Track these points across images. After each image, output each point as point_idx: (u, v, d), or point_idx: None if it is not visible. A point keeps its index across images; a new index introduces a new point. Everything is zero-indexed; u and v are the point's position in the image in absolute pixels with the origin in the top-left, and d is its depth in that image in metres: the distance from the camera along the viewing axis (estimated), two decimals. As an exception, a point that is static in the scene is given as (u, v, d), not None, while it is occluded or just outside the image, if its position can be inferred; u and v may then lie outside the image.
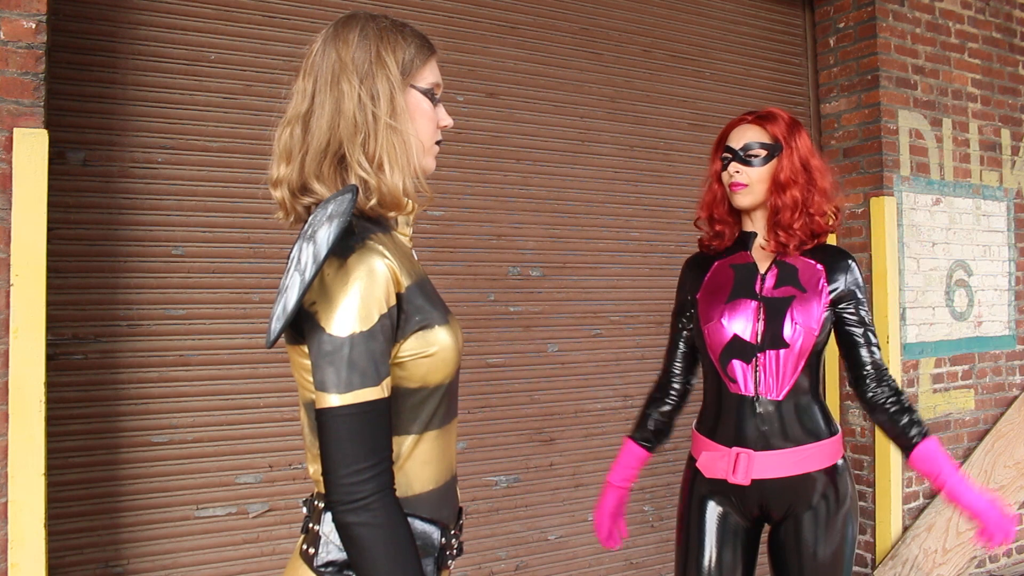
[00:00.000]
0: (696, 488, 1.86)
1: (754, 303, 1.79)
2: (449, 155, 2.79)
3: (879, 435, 3.38)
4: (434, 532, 1.10)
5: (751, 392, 1.76)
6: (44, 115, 1.95)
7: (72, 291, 2.21)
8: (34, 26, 1.92)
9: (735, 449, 1.76)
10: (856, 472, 3.49)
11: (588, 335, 3.07)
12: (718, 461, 1.78)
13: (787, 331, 1.75)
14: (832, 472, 1.79)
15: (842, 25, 3.58)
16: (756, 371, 1.76)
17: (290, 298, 0.98)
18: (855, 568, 3.49)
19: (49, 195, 1.93)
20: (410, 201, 1.11)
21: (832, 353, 3.56)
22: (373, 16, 1.14)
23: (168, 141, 2.35)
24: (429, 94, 1.15)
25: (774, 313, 1.77)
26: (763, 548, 1.89)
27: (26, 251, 1.88)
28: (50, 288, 1.95)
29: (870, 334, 1.82)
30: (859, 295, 1.82)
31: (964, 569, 3.54)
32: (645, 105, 3.23)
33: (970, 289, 3.72)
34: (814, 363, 1.80)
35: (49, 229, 1.93)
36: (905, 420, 1.78)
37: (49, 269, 1.94)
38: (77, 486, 2.19)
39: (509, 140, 2.92)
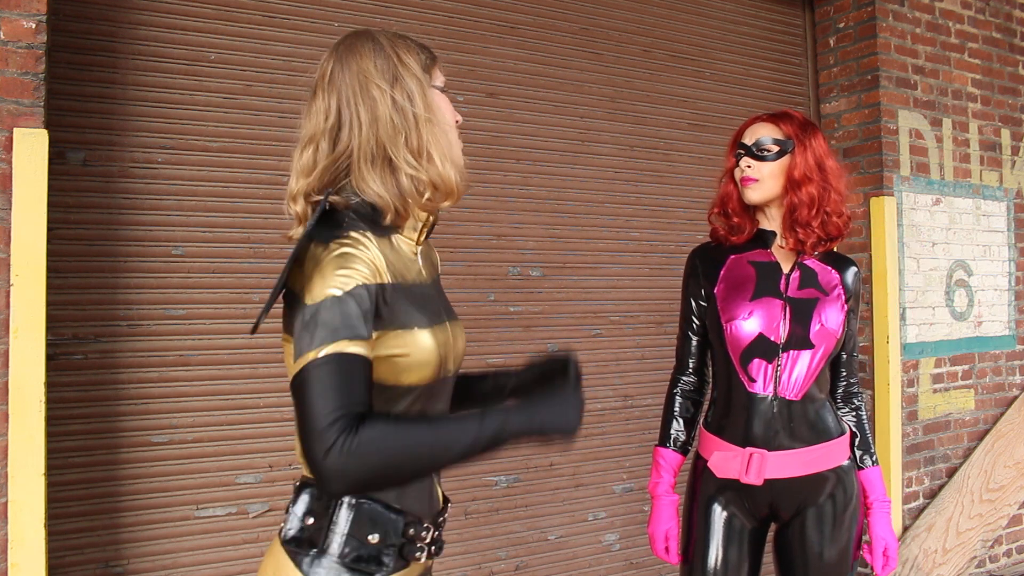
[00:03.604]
0: (703, 487, 1.85)
1: (779, 302, 1.79)
2: (449, 155, 2.78)
3: (879, 435, 3.38)
4: (399, 521, 1.10)
5: (769, 392, 1.76)
6: (44, 115, 1.95)
7: (72, 291, 2.21)
8: (34, 26, 1.92)
9: (748, 449, 1.76)
10: (856, 472, 3.50)
11: (588, 335, 3.07)
12: (730, 461, 1.78)
13: (813, 332, 1.77)
14: (840, 472, 1.80)
15: (842, 25, 3.58)
16: (777, 371, 1.76)
17: (276, 287, 1.03)
18: (857, 568, 3.49)
19: (49, 195, 1.93)
20: (430, 204, 1.13)
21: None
22: (377, 30, 1.18)
23: (168, 141, 2.35)
24: (442, 92, 1.20)
25: (800, 314, 1.78)
26: (768, 547, 1.89)
27: (26, 251, 1.88)
28: (50, 288, 1.95)
29: (855, 352, 1.91)
30: (859, 312, 1.90)
31: (964, 569, 3.54)
32: (645, 105, 3.23)
33: (970, 289, 3.72)
34: (834, 362, 1.84)
35: (49, 229, 1.93)
36: (861, 450, 1.88)
37: (49, 269, 1.94)
38: (77, 486, 2.19)
39: (509, 140, 2.92)
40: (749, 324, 1.78)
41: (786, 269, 1.83)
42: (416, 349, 1.08)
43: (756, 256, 1.86)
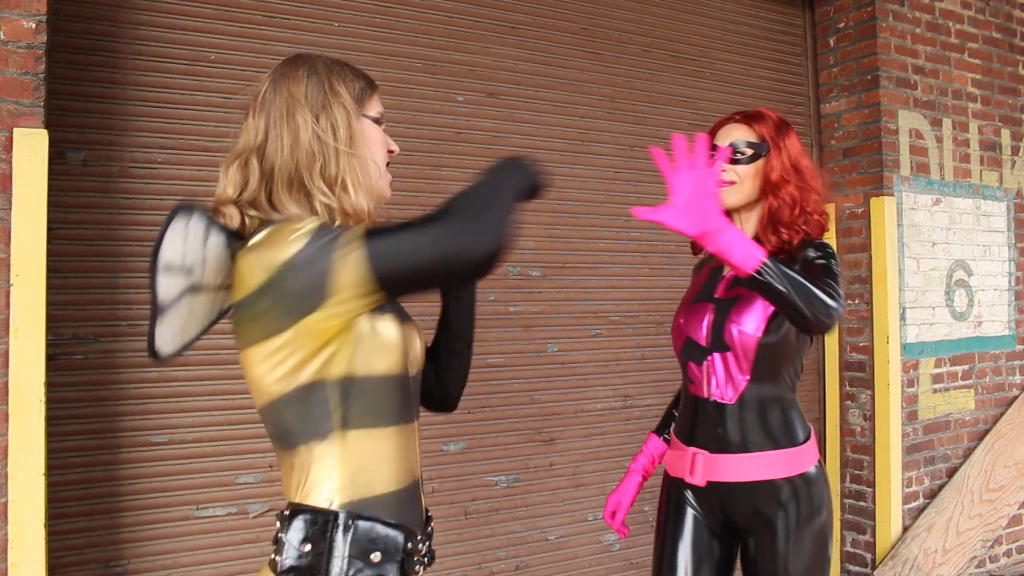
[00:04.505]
0: (671, 490, 1.86)
1: (710, 305, 1.79)
2: (449, 155, 2.79)
3: (879, 435, 3.38)
4: (398, 536, 1.10)
5: (704, 393, 1.76)
6: (44, 115, 1.95)
7: (72, 291, 2.21)
8: (34, 26, 1.92)
9: (691, 449, 1.76)
10: (856, 472, 3.50)
11: (588, 335, 3.07)
12: (678, 459, 1.80)
13: (729, 333, 1.72)
14: (799, 481, 1.71)
15: (842, 25, 3.58)
16: (707, 373, 1.76)
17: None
18: (855, 568, 3.49)
19: (49, 195, 1.93)
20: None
21: (832, 353, 3.58)
22: (318, 55, 1.21)
23: (168, 141, 2.35)
24: (377, 122, 1.21)
25: (720, 315, 1.76)
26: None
27: (26, 251, 1.88)
28: (50, 288, 1.95)
29: (826, 279, 1.61)
30: (818, 260, 1.68)
31: (964, 569, 3.54)
32: (645, 105, 3.22)
33: (970, 289, 3.72)
34: (773, 366, 1.72)
35: (49, 229, 1.93)
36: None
37: (49, 269, 1.94)
38: (77, 486, 2.19)
39: (509, 140, 2.91)
40: (681, 327, 1.82)
41: (726, 270, 1.82)
42: (383, 328, 1.10)
43: (716, 262, 1.87)
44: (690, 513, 1.81)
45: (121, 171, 2.29)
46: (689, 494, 1.80)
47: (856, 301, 3.51)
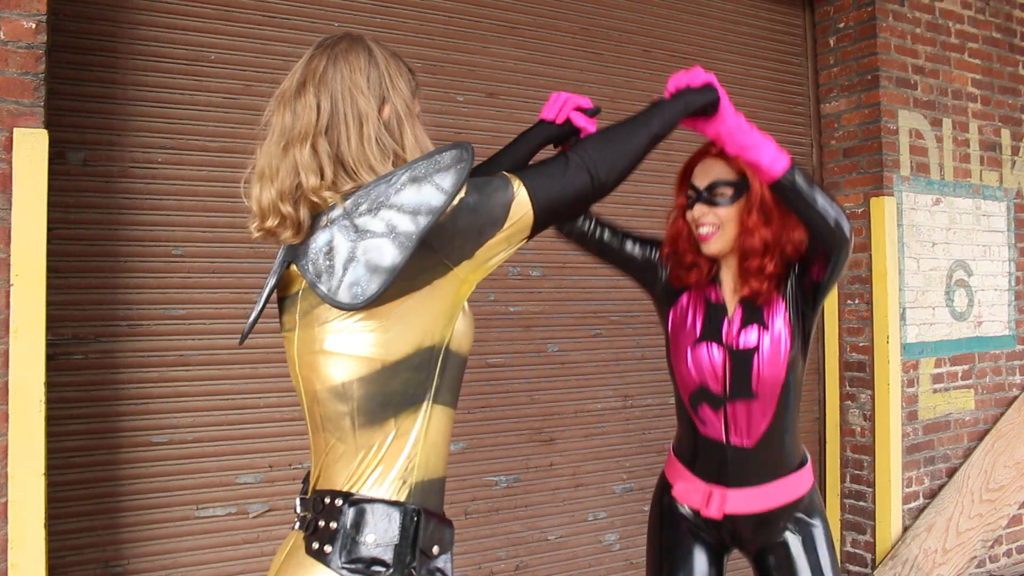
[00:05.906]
0: (669, 507, 1.82)
1: (721, 352, 1.68)
2: (449, 155, 2.78)
3: (879, 435, 3.38)
4: (450, 531, 1.11)
5: (722, 439, 1.70)
6: (44, 115, 1.95)
7: (72, 291, 2.21)
8: (34, 26, 1.92)
9: (709, 487, 1.72)
10: (856, 472, 3.50)
11: (588, 335, 3.07)
12: (692, 493, 1.75)
13: (754, 382, 1.66)
14: (805, 498, 1.74)
15: (842, 25, 3.58)
16: (726, 420, 1.69)
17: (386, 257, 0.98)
18: (855, 568, 3.49)
19: (49, 195, 1.93)
20: None
21: (832, 353, 3.58)
22: (372, 42, 1.15)
23: (168, 141, 2.35)
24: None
25: (740, 364, 1.66)
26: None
27: (26, 251, 1.88)
28: (50, 288, 1.95)
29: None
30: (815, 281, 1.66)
31: (964, 569, 3.54)
32: (645, 105, 3.22)
33: (970, 289, 3.72)
34: (786, 400, 1.68)
35: (49, 229, 1.93)
36: None
37: (49, 269, 1.94)
38: (77, 486, 2.19)
39: (509, 140, 2.91)
40: (693, 371, 1.71)
41: (730, 311, 1.71)
42: (468, 310, 1.13)
43: (709, 291, 1.74)
44: (694, 542, 1.78)
45: (121, 171, 2.29)
46: (698, 519, 1.78)
47: (856, 301, 3.51)
